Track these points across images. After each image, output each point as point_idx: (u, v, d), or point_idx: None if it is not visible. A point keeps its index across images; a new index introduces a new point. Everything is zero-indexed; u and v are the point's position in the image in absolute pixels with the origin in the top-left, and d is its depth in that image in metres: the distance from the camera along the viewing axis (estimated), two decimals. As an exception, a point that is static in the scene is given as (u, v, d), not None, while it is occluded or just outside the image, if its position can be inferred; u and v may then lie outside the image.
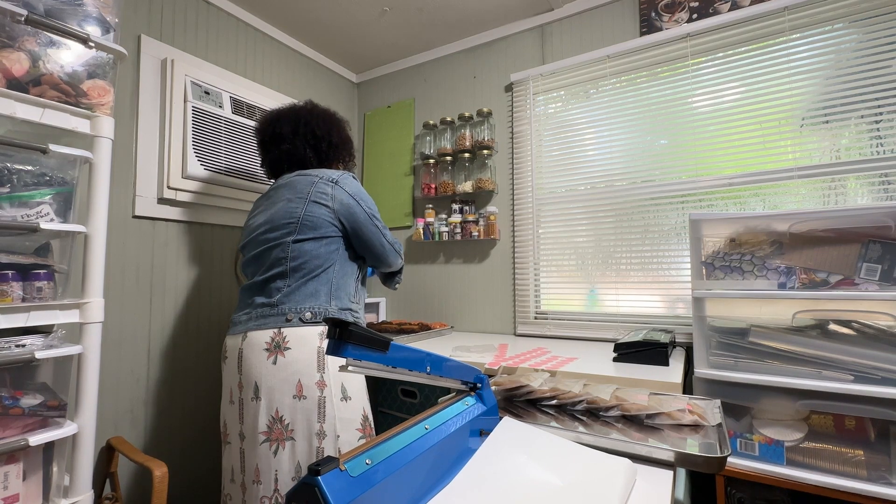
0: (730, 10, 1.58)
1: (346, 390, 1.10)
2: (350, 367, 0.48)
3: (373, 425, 1.17)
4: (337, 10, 1.94)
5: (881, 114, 1.37)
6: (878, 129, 1.38)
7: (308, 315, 1.10)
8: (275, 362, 1.06)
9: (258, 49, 2.00)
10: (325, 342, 0.93)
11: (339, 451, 1.06)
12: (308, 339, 1.07)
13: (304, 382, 1.05)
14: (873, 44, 1.38)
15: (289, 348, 1.06)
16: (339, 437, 1.07)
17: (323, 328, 1.09)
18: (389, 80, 2.47)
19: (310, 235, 1.14)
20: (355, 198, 1.18)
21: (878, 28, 1.38)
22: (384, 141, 2.45)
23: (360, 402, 1.14)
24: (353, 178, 1.24)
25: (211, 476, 1.71)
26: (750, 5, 1.55)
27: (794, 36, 1.49)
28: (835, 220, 1.14)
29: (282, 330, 1.08)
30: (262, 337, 1.08)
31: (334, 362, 1.07)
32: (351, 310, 1.19)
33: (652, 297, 1.72)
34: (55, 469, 1.03)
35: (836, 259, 1.12)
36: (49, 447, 1.01)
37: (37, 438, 0.95)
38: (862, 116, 1.40)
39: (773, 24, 1.51)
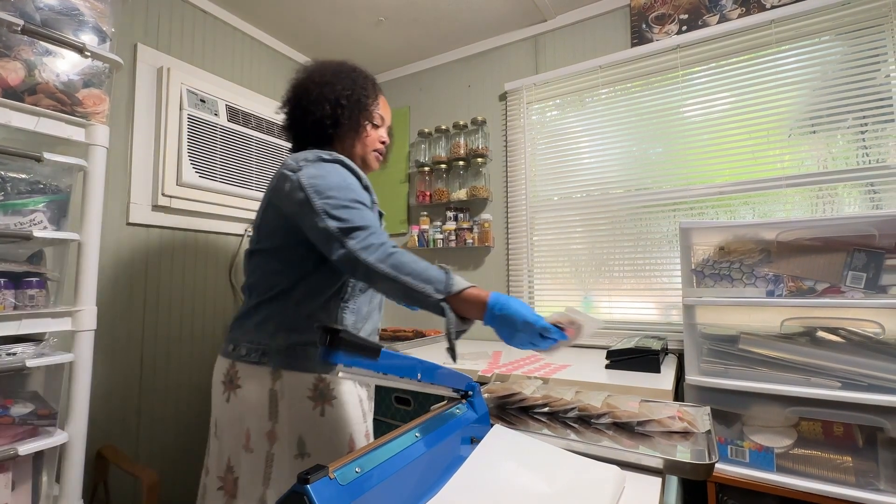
0: (718, 22, 1.62)
1: (306, 445, 0.84)
2: (341, 374, 0.48)
3: None
4: (333, 19, 1.96)
5: (866, 124, 1.40)
6: (863, 140, 1.41)
7: (243, 350, 0.87)
8: (227, 400, 0.87)
9: (254, 57, 2.01)
10: (280, 383, 0.84)
11: None
12: (260, 378, 0.85)
13: (252, 430, 0.84)
14: (858, 56, 1.41)
15: (240, 386, 0.86)
16: None
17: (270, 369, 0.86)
18: (385, 89, 2.46)
19: (265, 245, 0.90)
20: (307, 190, 0.81)
21: (863, 41, 1.41)
22: (379, 148, 2.46)
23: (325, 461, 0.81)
24: (323, 158, 0.86)
25: (203, 485, 1.70)
26: (738, 18, 1.58)
27: (782, 48, 1.52)
28: (821, 229, 1.16)
29: (235, 363, 0.88)
30: (220, 367, 0.91)
31: (290, 408, 0.84)
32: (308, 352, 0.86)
33: (645, 304, 1.73)
34: (45, 478, 1.02)
35: (823, 267, 1.14)
36: (39, 456, 1.01)
37: (26, 447, 0.94)
38: (848, 127, 1.42)
39: (761, 36, 1.54)
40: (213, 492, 0.88)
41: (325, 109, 0.94)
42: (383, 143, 1.04)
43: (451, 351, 0.75)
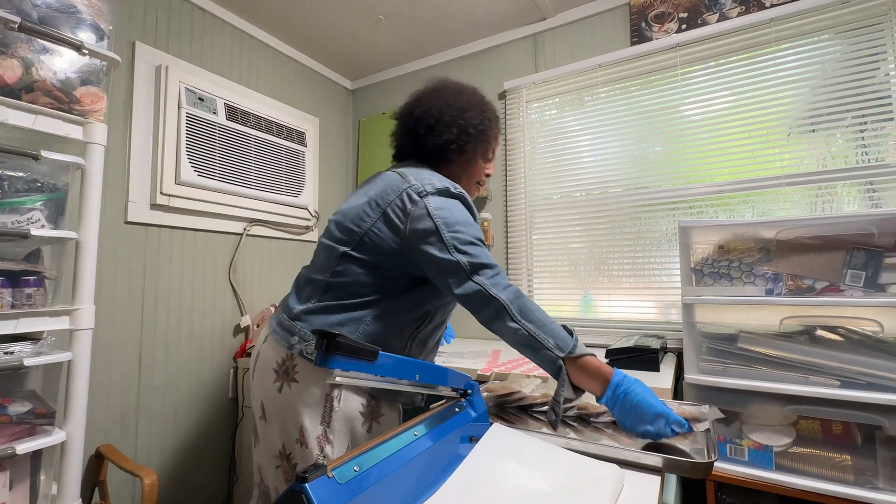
0: (718, 20, 1.61)
1: None
2: (338, 378, 0.48)
3: None
4: (332, 17, 1.96)
5: (865, 123, 1.40)
6: (863, 138, 1.41)
7: (311, 348, 0.83)
8: (280, 390, 0.85)
9: (253, 56, 2.01)
10: (337, 391, 0.82)
11: None
12: (320, 381, 0.82)
13: (306, 428, 0.82)
14: (857, 55, 1.41)
15: (296, 381, 0.83)
16: None
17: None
18: (384, 87, 2.49)
19: (365, 256, 0.87)
20: (436, 220, 0.82)
21: (862, 39, 1.41)
22: (379, 148, 2.46)
23: None
24: (451, 191, 0.88)
25: (202, 485, 1.69)
26: (737, 17, 1.58)
27: (782, 46, 1.52)
28: (820, 227, 1.16)
29: (295, 357, 0.84)
30: (274, 353, 0.88)
31: (343, 420, 0.83)
32: None
33: (644, 302, 1.73)
34: (43, 478, 1.02)
35: (822, 266, 1.14)
36: (37, 455, 1.00)
37: (24, 447, 0.94)
38: (847, 125, 1.42)
39: (761, 34, 1.54)
40: (272, 470, 0.89)
41: (453, 134, 0.95)
42: (487, 175, 1.07)
43: (555, 417, 0.75)
